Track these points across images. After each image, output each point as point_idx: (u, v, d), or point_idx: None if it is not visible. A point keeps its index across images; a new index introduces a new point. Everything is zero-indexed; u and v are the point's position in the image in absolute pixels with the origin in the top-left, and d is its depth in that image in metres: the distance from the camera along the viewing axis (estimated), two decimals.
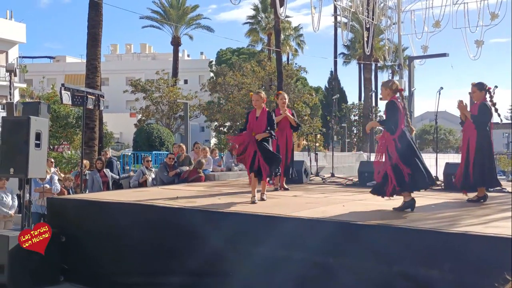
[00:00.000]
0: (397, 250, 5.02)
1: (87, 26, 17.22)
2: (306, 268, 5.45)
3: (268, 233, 5.87)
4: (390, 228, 5.24)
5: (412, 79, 15.97)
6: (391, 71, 50.14)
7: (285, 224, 5.84)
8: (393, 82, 6.52)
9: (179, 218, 6.71)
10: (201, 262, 6.22)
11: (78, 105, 10.45)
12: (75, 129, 25.60)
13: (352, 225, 5.46)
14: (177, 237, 6.57)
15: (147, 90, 33.24)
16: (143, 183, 11.73)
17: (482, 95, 7.22)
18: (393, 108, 6.30)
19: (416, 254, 4.90)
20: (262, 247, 5.81)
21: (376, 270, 5.07)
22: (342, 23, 17.96)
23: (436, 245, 4.84)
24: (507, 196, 8.05)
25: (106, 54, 59.47)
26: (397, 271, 4.95)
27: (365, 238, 5.26)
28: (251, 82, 33.68)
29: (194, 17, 41.11)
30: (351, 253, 5.25)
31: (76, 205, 7.88)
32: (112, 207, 7.42)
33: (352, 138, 47.48)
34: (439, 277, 4.71)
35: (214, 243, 6.20)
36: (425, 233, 5.00)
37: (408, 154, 6.13)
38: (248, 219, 6.19)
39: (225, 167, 12.97)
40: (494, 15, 13.27)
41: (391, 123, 6.23)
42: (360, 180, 10.12)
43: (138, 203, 7.27)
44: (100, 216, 7.41)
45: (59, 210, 7.91)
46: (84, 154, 13.42)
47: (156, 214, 6.91)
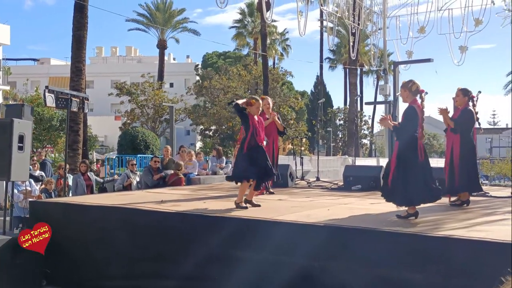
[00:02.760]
0: (382, 254, 5.03)
1: (72, 28, 17.09)
2: (295, 273, 5.45)
3: (255, 237, 5.86)
4: (375, 232, 5.26)
5: (397, 84, 16.10)
6: (376, 76, 50.55)
7: (273, 229, 5.84)
8: (413, 83, 5.97)
9: (164, 222, 6.67)
10: (187, 267, 6.18)
11: (62, 108, 10.37)
12: (59, 132, 25.35)
13: (338, 229, 5.47)
14: (163, 241, 6.53)
15: (133, 93, 33.08)
16: (128, 186, 11.66)
17: (465, 101, 7.31)
18: (410, 116, 5.88)
19: (401, 258, 4.93)
20: (249, 252, 5.79)
21: (361, 274, 5.08)
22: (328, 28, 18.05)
23: (420, 249, 4.87)
24: (490, 200, 8.14)
25: (91, 57, 59.22)
26: (381, 274, 4.96)
27: (351, 242, 5.27)
28: (237, 86, 33.70)
29: (180, 21, 41.11)
30: (338, 258, 5.26)
31: (59, 209, 7.79)
32: (96, 211, 7.35)
33: (337, 142, 47.67)
34: (423, 281, 4.73)
35: (200, 247, 6.17)
36: (409, 237, 5.03)
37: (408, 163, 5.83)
38: (235, 223, 6.18)
39: (211, 171, 12.95)
40: (478, 21, 13.44)
41: (404, 131, 5.89)
42: (345, 184, 10.16)
43: (122, 207, 7.22)
44: (84, 219, 7.33)
45: (42, 213, 7.81)
46: (68, 157, 13.30)
47: (141, 218, 6.86)
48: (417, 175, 5.88)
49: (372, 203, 7.62)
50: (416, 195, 5.85)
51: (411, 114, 5.93)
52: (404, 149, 5.89)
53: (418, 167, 5.90)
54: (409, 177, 5.82)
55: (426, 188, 5.95)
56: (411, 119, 5.91)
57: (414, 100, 5.98)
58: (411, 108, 5.95)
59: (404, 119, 6.00)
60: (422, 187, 5.92)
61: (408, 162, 5.85)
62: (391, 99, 16.20)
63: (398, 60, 16.77)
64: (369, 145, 52.24)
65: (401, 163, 5.88)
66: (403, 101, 6.11)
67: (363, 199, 8.29)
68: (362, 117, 46.62)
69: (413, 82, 6.00)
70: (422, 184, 5.93)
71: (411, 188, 5.80)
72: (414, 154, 5.86)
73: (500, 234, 4.84)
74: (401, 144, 5.97)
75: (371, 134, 49.82)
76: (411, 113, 5.93)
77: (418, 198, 5.88)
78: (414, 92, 5.97)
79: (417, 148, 5.89)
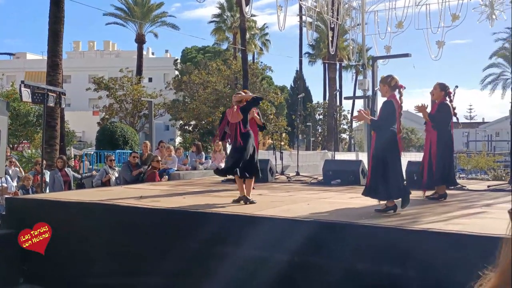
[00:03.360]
0: (361, 248, 5.07)
1: (48, 22, 16.80)
2: (275, 268, 5.45)
3: (236, 233, 5.85)
4: (354, 226, 5.29)
5: (375, 79, 16.19)
6: (355, 71, 50.81)
7: (253, 224, 5.83)
8: (392, 78, 6.03)
9: (143, 218, 6.63)
10: (167, 263, 6.15)
11: (39, 103, 10.22)
12: (36, 127, 25.02)
13: (317, 224, 5.49)
14: (142, 237, 6.49)
15: (111, 88, 32.71)
16: (106, 182, 11.56)
17: (441, 95, 7.39)
18: (388, 109, 5.94)
19: (379, 252, 4.96)
20: (231, 247, 5.78)
21: (340, 268, 5.11)
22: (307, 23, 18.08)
23: (398, 242, 4.91)
24: (467, 193, 8.26)
25: (68, 51, 58.42)
26: (361, 268, 5.00)
27: (330, 236, 5.29)
28: (216, 81, 33.56)
29: (159, 15, 40.71)
30: (318, 252, 5.28)
31: (37, 205, 7.68)
32: (74, 207, 7.27)
33: (317, 137, 47.88)
34: (402, 274, 4.78)
35: (181, 243, 6.14)
36: (388, 231, 5.07)
37: (388, 157, 5.90)
38: (215, 219, 6.16)
39: (190, 166, 12.89)
40: (455, 16, 13.56)
41: (382, 125, 5.94)
42: (324, 178, 10.21)
43: (101, 203, 7.15)
44: (62, 216, 7.24)
45: (19, 210, 7.70)
46: (45, 153, 13.11)
47: (120, 214, 6.81)
48: (396, 170, 5.95)
49: (351, 197, 7.67)
50: (395, 189, 5.91)
51: (389, 109, 5.98)
52: (383, 144, 5.94)
53: (397, 161, 5.97)
54: (388, 171, 5.88)
55: (403, 182, 6.05)
56: (389, 114, 5.97)
57: (392, 95, 6.04)
58: (389, 103, 6.00)
59: (382, 113, 6.06)
60: (400, 181, 6.00)
61: (388, 157, 5.91)
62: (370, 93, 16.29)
63: (377, 55, 16.86)
64: (348, 140, 52.57)
65: (380, 158, 5.94)
66: (382, 96, 6.17)
67: (342, 193, 8.34)
68: (342, 111, 46.85)
69: (392, 77, 6.05)
70: (400, 178, 6.01)
71: (391, 182, 5.87)
72: (393, 149, 5.92)
73: (477, 227, 4.91)
74: (380, 139, 6.02)
75: (350, 128, 50.13)
76: (389, 108, 5.99)
77: (397, 192, 5.94)
78: (393, 87, 6.03)
79: (396, 143, 5.94)
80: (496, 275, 1.02)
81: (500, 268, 1.02)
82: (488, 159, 34.50)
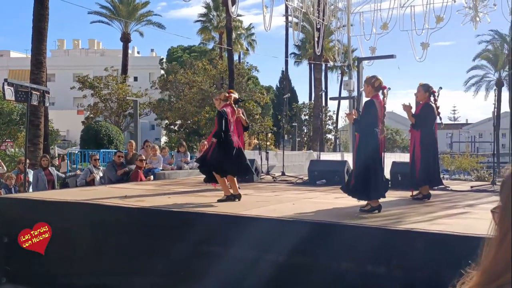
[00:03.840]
0: (345, 248, 5.09)
1: (32, 20, 16.64)
2: (262, 268, 5.46)
3: (223, 233, 5.85)
4: (339, 227, 5.32)
5: (361, 79, 16.30)
6: (340, 71, 51.03)
7: (238, 223, 5.83)
8: (376, 79, 6.08)
9: (127, 217, 6.59)
10: (152, 263, 6.13)
11: (22, 101, 10.12)
12: (19, 126, 24.74)
13: (303, 224, 5.50)
14: (127, 237, 6.45)
15: (96, 87, 32.48)
16: (91, 181, 11.47)
17: (425, 96, 7.45)
18: (369, 108, 6.01)
19: (364, 252, 4.99)
20: (217, 247, 5.78)
21: (325, 268, 5.13)
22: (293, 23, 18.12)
23: (383, 242, 4.95)
24: (450, 194, 8.34)
25: (52, 49, 57.84)
26: (345, 268, 5.02)
27: (315, 237, 5.31)
28: (202, 80, 33.48)
29: (144, 14, 40.51)
30: (303, 252, 5.30)
31: (20, 204, 7.60)
32: (58, 207, 7.21)
33: (302, 137, 48.01)
34: (387, 274, 4.81)
35: (165, 243, 6.12)
36: (372, 230, 5.10)
37: (369, 158, 5.96)
38: (201, 219, 6.15)
39: (176, 166, 12.85)
40: (439, 18, 13.70)
41: (363, 123, 6.02)
42: (310, 178, 10.24)
43: (85, 202, 7.09)
44: (46, 215, 7.17)
45: (2, 209, 7.61)
46: (29, 152, 12.97)
47: (104, 213, 6.76)
48: (377, 170, 6.00)
49: (336, 197, 7.70)
50: (377, 189, 5.96)
51: (369, 107, 6.06)
52: (366, 144, 6.00)
53: (378, 162, 6.03)
54: (370, 172, 5.92)
55: (384, 182, 6.11)
56: (369, 112, 6.03)
57: (376, 95, 6.10)
58: (370, 102, 6.07)
59: (363, 112, 6.13)
60: (382, 181, 6.06)
61: (370, 158, 5.96)
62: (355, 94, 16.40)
63: (362, 56, 16.97)
64: (333, 140, 52.78)
65: (362, 158, 5.99)
66: (366, 96, 6.24)
67: (327, 194, 8.38)
68: (327, 112, 47.03)
69: (376, 78, 6.10)
70: (381, 179, 6.07)
71: (372, 183, 5.91)
72: (374, 150, 5.97)
73: (460, 227, 4.96)
74: (362, 139, 6.08)
75: (336, 129, 50.34)
76: (369, 107, 6.06)
77: (378, 192, 5.99)
78: (376, 88, 6.09)
79: (378, 144, 5.99)
80: (478, 273, 1.03)
81: (482, 267, 1.03)
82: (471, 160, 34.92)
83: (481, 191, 8.68)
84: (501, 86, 47.82)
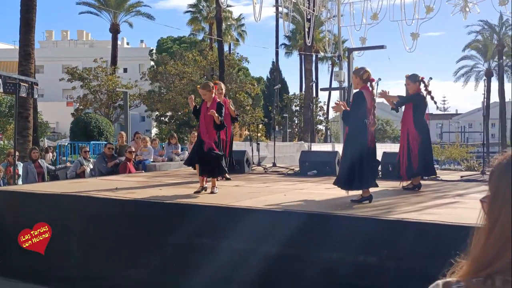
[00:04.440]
0: (336, 238, 5.11)
1: (20, 11, 16.45)
2: (254, 259, 5.47)
3: (214, 224, 5.85)
4: (330, 217, 5.34)
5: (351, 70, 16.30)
6: (331, 62, 51.03)
7: (230, 215, 5.84)
8: (364, 71, 6.09)
9: (118, 209, 6.57)
10: (144, 255, 6.13)
11: (10, 93, 10.04)
12: (8, 118, 24.58)
13: (293, 214, 5.52)
14: (118, 230, 6.44)
15: (85, 78, 32.25)
16: (81, 174, 11.42)
17: (416, 86, 7.46)
18: (359, 100, 6.02)
19: (355, 242, 5.02)
20: (208, 238, 5.78)
21: (317, 258, 5.15)
22: (283, 14, 18.06)
23: (373, 232, 4.98)
24: (440, 184, 8.40)
25: (40, 41, 57.29)
26: (336, 258, 5.05)
27: (306, 227, 5.33)
28: (192, 71, 33.35)
29: (133, 4, 40.13)
30: (294, 243, 5.31)
31: (10, 197, 7.56)
32: (49, 199, 7.17)
33: (293, 128, 48.02)
34: (378, 264, 4.84)
35: (158, 235, 6.12)
36: (363, 221, 5.13)
37: (357, 149, 5.97)
38: (193, 210, 6.15)
39: (166, 157, 12.83)
40: (429, 8, 13.70)
41: (352, 115, 6.03)
42: (301, 169, 10.26)
43: (75, 194, 7.07)
44: (36, 208, 7.14)
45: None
46: (18, 144, 12.89)
47: (94, 206, 6.74)
48: (365, 161, 6.02)
49: (327, 188, 7.72)
50: (366, 180, 5.99)
51: (358, 99, 6.07)
52: (354, 135, 6.03)
53: (368, 152, 6.05)
54: (357, 162, 5.95)
55: (373, 173, 6.15)
56: (358, 104, 6.04)
57: (365, 86, 6.11)
58: (359, 93, 6.09)
59: (352, 104, 6.14)
60: (370, 172, 6.08)
61: (358, 148, 5.98)
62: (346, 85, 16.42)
63: (352, 46, 16.97)
64: (324, 131, 52.86)
65: (351, 149, 6.01)
66: (354, 88, 6.26)
67: (319, 184, 8.40)
68: (318, 103, 47.03)
69: (365, 70, 6.12)
70: (370, 169, 6.09)
71: (361, 173, 5.94)
72: (363, 140, 5.99)
73: (450, 217, 5.00)
74: (350, 130, 6.10)
75: (327, 120, 50.39)
76: (358, 98, 6.07)
77: (366, 182, 6.02)
78: (365, 80, 6.11)
79: (367, 134, 6.01)
80: (468, 262, 1.04)
81: (472, 256, 1.04)
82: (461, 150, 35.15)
83: (471, 181, 8.75)
84: (491, 76, 48.03)
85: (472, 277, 1.01)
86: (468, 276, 1.02)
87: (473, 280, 1.01)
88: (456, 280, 1.03)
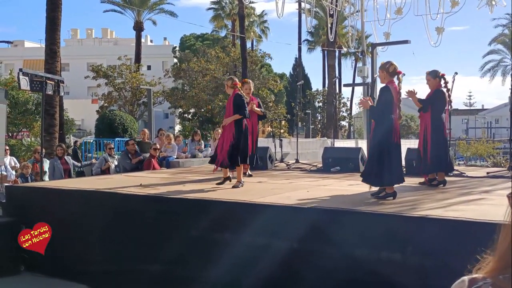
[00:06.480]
0: (361, 235, 5.09)
1: (46, 10, 16.71)
2: (277, 255, 5.48)
3: (239, 220, 5.87)
4: (354, 213, 5.31)
5: (375, 65, 16.14)
6: (354, 58, 50.67)
7: (255, 211, 5.85)
8: (390, 64, 6.05)
9: (143, 205, 6.64)
10: (168, 251, 6.18)
11: (37, 91, 10.21)
12: (35, 115, 24.97)
13: (318, 211, 5.50)
14: (143, 225, 6.51)
15: (109, 76, 32.62)
16: (106, 170, 11.57)
17: (436, 82, 7.38)
18: (385, 94, 5.99)
19: (379, 238, 4.99)
20: (232, 234, 5.81)
21: (341, 255, 5.13)
22: (306, 10, 17.97)
23: (398, 229, 4.94)
24: (466, 180, 8.28)
25: (66, 39, 58.08)
26: (360, 255, 5.02)
27: (330, 224, 5.31)
28: (215, 68, 33.44)
29: (157, 2, 40.43)
30: (318, 239, 5.30)
31: (37, 193, 7.70)
32: (75, 195, 7.28)
33: (316, 125, 47.85)
34: (402, 261, 4.80)
35: (182, 231, 6.16)
36: (387, 217, 5.09)
37: (384, 144, 5.93)
38: (218, 206, 6.17)
39: (190, 154, 12.90)
40: (454, 2, 13.47)
41: (378, 110, 6.02)
42: (324, 166, 10.22)
43: (101, 191, 7.16)
44: (63, 204, 7.26)
45: (19, 198, 7.72)
46: (44, 141, 13.11)
47: (120, 202, 6.82)
48: (393, 156, 5.97)
49: (350, 184, 7.69)
50: (391, 176, 5.94)
51: (385, 94, 6.02)
52: (381, 130, 5.98)
53: (394, 148, 6.00)
54: (385, 158, 5.90)
55: (399, 169, 6.09)
56: (385, 99, 6.00)
57: (391, 81, 6.07)
58: (386, 88, 6.05)
59: (379, 98, 6.11)
60: (397, 168, 6.03)
61: (385, 144, 5.93)
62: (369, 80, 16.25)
63: (376, 41, 16.78)
64: (347, 127, 52.56)
65: (377, 144, 5.97)
66: (381, 82, 6.20)
67: (341, 181, 8.36)
68: (341, 99, 46.78)
69: (391, 64, 6.06)
70: (397, 165, 6.04)
71: (388, 169, 5.89)
72: (390, 136, 5.94)
73: (476, 213, 4.93)
74: (377, 126, 6.05)
75: (350, 116, 50.09)
76: (385, 93, 6.03)
77: (393, 178, 5.97)
78: (391, 73, 6.05)
79: (393, 130, 5.96)
80: (495, 259, 1.03)
81: (498, 252, 1.03)
82: (488, 146, 34.55)
83: (497, 177, 8.60)
84: None
85: (499, 274, 1.00)
86: (495, 273, 1.01)
87: (500, 277, 1.00)
88: (482, 277, 1.02)
